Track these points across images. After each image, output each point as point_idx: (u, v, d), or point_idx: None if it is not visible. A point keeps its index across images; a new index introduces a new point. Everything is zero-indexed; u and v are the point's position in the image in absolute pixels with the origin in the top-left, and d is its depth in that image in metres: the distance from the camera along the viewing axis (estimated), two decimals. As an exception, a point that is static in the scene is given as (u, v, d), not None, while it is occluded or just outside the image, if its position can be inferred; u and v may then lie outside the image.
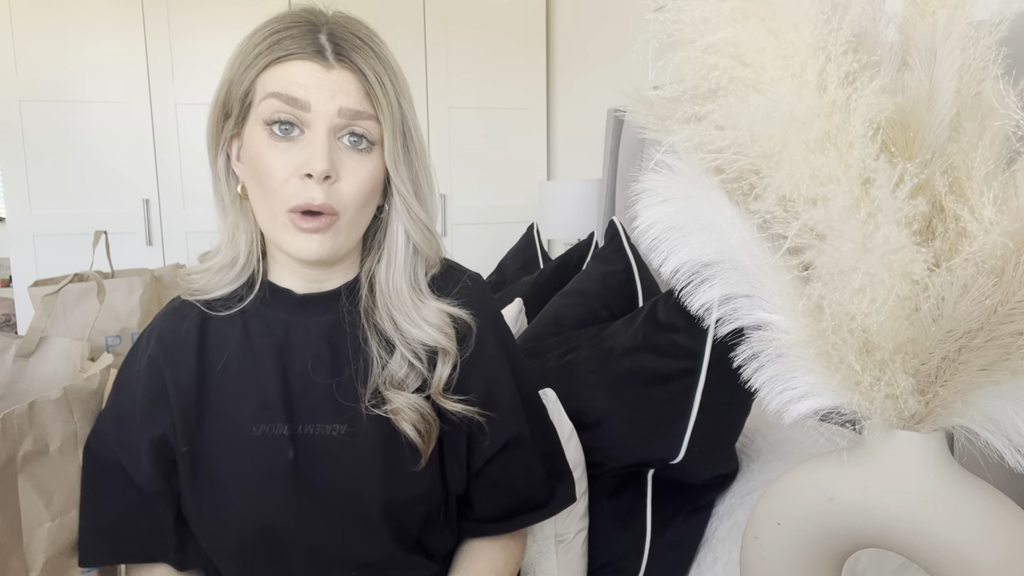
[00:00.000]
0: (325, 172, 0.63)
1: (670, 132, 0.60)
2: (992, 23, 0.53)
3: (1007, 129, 0.50)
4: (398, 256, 0.72)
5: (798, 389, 0.54)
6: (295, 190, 0.64)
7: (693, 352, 0.87)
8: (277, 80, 0.65)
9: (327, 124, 0.64)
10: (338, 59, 0.65)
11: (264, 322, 0.74)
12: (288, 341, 0.73)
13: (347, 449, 0.70)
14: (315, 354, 0.72)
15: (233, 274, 0.74)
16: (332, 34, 0.65)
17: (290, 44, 0.65)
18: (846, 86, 0.51)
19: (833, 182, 0.50)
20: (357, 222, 0.69)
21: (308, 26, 0.66)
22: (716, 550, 0.90)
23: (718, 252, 0.57)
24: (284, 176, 0.65)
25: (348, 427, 0.70)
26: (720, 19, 0.55)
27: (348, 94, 0.65)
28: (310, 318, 0.73)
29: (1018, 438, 0.48)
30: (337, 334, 0.72)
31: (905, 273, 0.49)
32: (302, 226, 0.65)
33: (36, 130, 2.30)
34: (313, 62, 0.64)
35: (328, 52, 0.64)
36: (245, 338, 0.73)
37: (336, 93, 0.64)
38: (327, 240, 0.66)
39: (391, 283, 0.72)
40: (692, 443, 0.87)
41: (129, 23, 2.33)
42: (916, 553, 0.52)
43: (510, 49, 2.71)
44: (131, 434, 0.73)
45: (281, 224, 0.66)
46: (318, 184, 0.64)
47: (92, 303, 1.50)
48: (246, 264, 0.74)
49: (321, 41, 0.65)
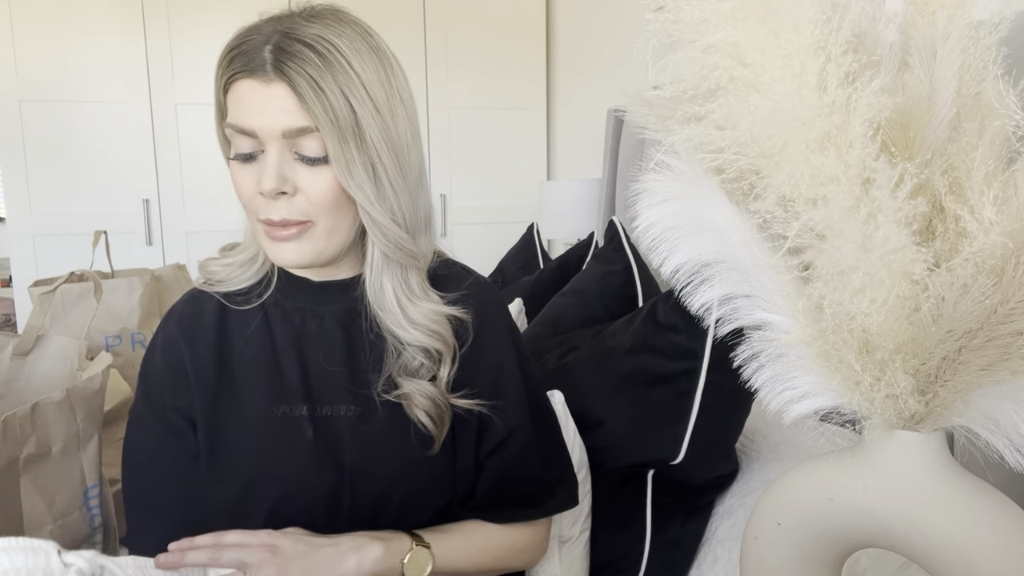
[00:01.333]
0: (274, 191, 0.64)
1: (670, 132, 0.60)
2: (992, 23, 0.53)
3: (1007, 129, 0.50)
4: (376, 260, 0.71)
5: (798, 389, 0.54)
6: (261, 205, 0.66)
7: (693, 352, 0.87)
8: (232, 104, 0.65)
9: (276, 145, 0.64)
10: (276, 72, 0.62)
11: (282, 310, 0.76)
12: (305, 328, 0.75)
13: (361, 433, 0.72)
14: (330, 340, 0.74)
15: (254, 270, 0.76)
16: (277, 44, 0.62)
17: (238, 61, 0.64)
18: (846, 86, 0.51)
19: (833, 182, 0.50)
20: (337, 226, 0.67)
21: (259, 39, 0.63)
22: (716, 550, 0.90)
23: (718, 252, 0.57)
24: (250, 194, 0.66)
25: (362, 410, 0.72)
26: (720, 19, 0.55)
27: (287, 111, 0.62)
28: (326, 305, 0.75)
29: (1018, 438, 0.48)
30: (351, 322, 0.74)
31: (905, 273, 0.49)
32: (271, 235, 0.67)
33: (36, 130, 2.30)
34: (254, 79, 0.63)
35: (268, 65, 0.62)
36: (264, 324, 0.75)
37: (277, 113, 0.63)
38: (304, 247, 0.67)
39: (372, 285, 0.72)
40: (692, 443, 0.87)
41: (129, 23, 2.33)
42: (916, 553, 0.52)
43: (510, 49, 2.70)
44: (164, 409, 0.74)
45: (261, 234, 0.68)
46: (274, 200, 0.65)
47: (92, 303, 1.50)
48: (264, 260, 0.76)
49: (264, 55, 0.62)
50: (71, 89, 2.32)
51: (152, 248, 2.44)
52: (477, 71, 2.68)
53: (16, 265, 2.34)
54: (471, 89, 2.68)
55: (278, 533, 0.66)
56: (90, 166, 2.36)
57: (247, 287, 0.76)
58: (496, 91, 2.72)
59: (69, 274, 1.52)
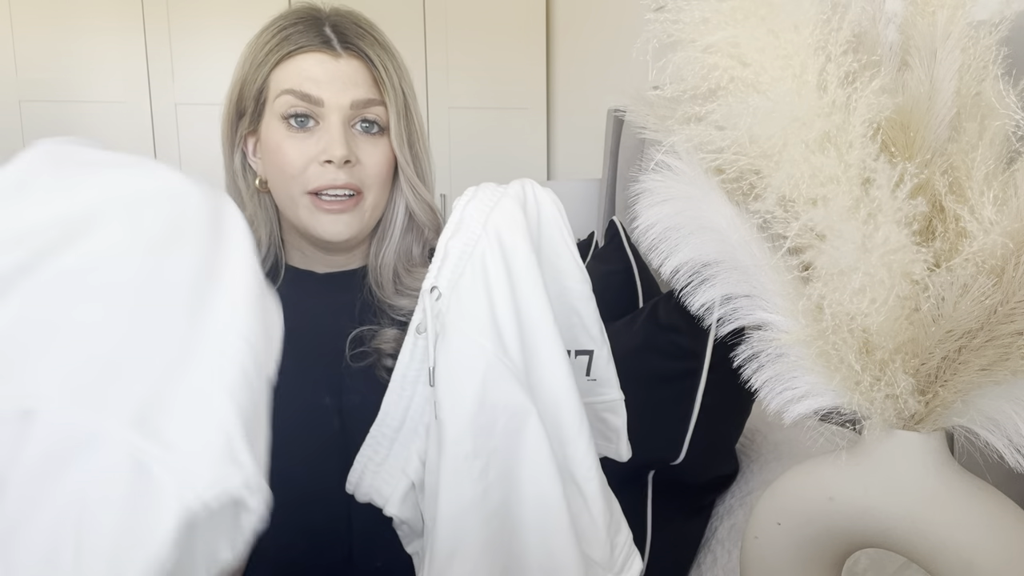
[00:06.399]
0: (345, 157, 0.67)
1: (670, 132, 0.60)
2: (992, 23, 0.53)
3: (1007, 129, 0.50)
4: (394, 232, 0.75)
5: (798, 389, 0.54)
6: (315, 174, 0.68)
7: (694, 353, 0.87)
8: (290, 76, 0.68)
9: (341, 115, 0.68)
10: (345, 48, 0.68)
11: (289, 304, 0.75)
12: (313, 320, 0.74)
13: (368, 417, 0.70)
14: (337, 330, 0.74)
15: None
16: (336, 25, 0.69)
17: (298, 38, 0.68)
18: (846, 86, 0.51)
19: (833, 182, 0.50)
20: (379, 201, 0.73)
21: (312, 20, 0.69)
22: (716, 550, 0.90)
23: (718, 252, 0.57)
24: (303, 163, 0.68)
25: (365, 396, 0.71)
26: (720, 19, 0.55)
27: (357, 84, 0.68)
28: (332, 297, 0.76)
29: (1018, 438, 0.48)
30: (358, 312, 0.75)
31: (905, 273, 0.49)
32: (325, 207, 0.68)
33: (36, 130, 2.30)
34: (322, 53, 0.68)
35: (335, 42, 0.68)
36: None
37: (347, 85, 0.68)
38: (354, 220, 0.70)
39: (379, 257, 0.75)
40: (693, 444, 0.87)
41: (129, 23, 2.33)
42: (916, 553, 0.52)
43: (510, 49, 2.70)
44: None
45: (303, 208, 0.69)
46: (339, 168, 0.67)
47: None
48: (268, 252, 0.76)
49: (327, 32, 0.68)
50: (71, 89, 2.31)
51: (152, 248, 2.44)
52: (477, 71, 2.68)
53: (16, 265, 2.34)
54: (471, 89, 2.68)
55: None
56: (90, 166, 2.36)
57: None
58: (496, 91, 2.71)
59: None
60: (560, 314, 0.66)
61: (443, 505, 0.59)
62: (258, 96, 0.70)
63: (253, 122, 0.72)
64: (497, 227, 0.62)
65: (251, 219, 0.75)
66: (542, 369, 0.61)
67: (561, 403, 0.61)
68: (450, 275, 0.61)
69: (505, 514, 0.60)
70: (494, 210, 0.63)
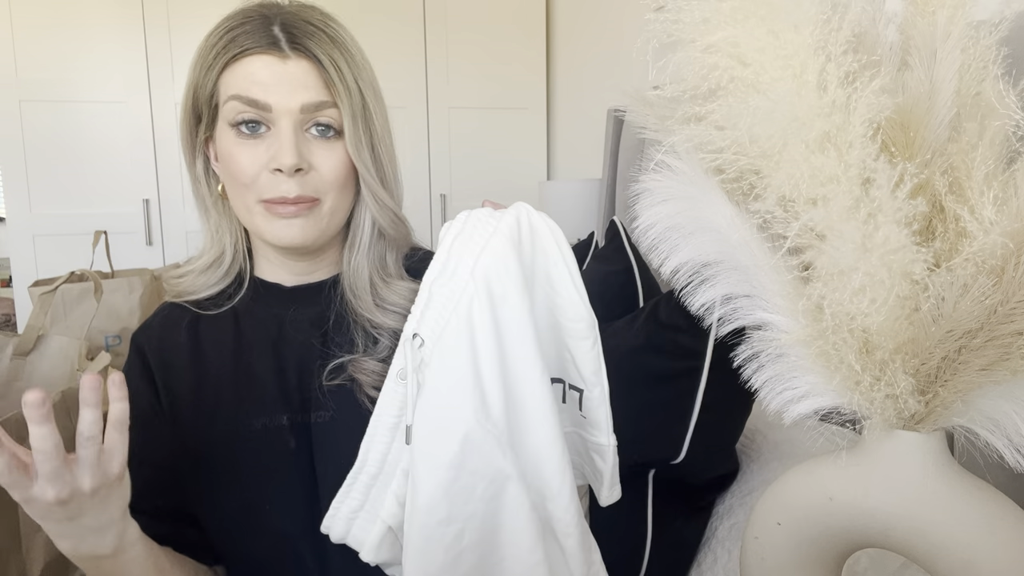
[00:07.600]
0: (295, 165, 0.64)
1: (670, 132, 0.60)
2: (992, 23, 0.53)
3: (1007, 129, 0.50)
4: (363, 240, 0.72)
5: (798, 389, 0.54)
6: (266, 184, 0.65)
7: (695, 352, 0.87)
8: (237, 80, 0.64)
9: (291, 120, 0.64)
10: (293, 48, 0.64)
11: (255, 317, 0.74)
12: (280, 334, 0.73)
13: (338, 435, 0.70)
14: (306, 345, 0.72)
15: (220, 273, 0.74)
16: (285, 23, 0.65)
17: (244, 39, 0.64)
18: (846, 86, 0.51)
19: (833, 182, 0.50)
20: (338, 207, 0.69)
21: (261, 19, 0.65)
22: (716, 550, 0.90)
23: (718, 252, 0.57)
24: (255, 171, 0.65)
25: (336, 414, 0.70)
26: (720, 19, 0.55)
27: (307, 86, 0.64)
28: (300, 310, 0.73)
29: (1018, 438, 0.48)
30: (326, 325, 0.72)
31: (905, 273, 0.49)
32: (277, 212, 0.65)
33: (36, 130, 2.30)
34: (269, 55, 0.64)
35: (283, 42, 0.64)
36: (238, 336, 0.73)
37: (295, 88, 0.64)
38: (309, 224, 0.67)
39: (351, 265, 0.72)
40: (694, 443, 0.87)
41: (129, 23, 2.33)
42: (916, 553, 0.52)
43: (510, 49, 2.70)
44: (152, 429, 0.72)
45: (258, 215, 0.67)
46: (289, 177, 0.64)
47: (92, 303, 1.50)
48: (233, 261, 0.74)
49: (275, 32, 0.64)
50: (71, 89, 2.31)
51: (152, 248, 2.44)
52: (477, 71, 2.68)
53: (16, 265, 2.34)
54: (471, 89, 2.68)
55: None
56: (90, 166, 2.35)
57: (215, 293, 0.74)
58: (496, 91, 2.71)
59: (69, 274, 1.52)
60: (551, 348, 0.64)
61: (412, 570, 0.56)
62: (210, 101, 0.67)
63: (209, 128, 0.69)
64: (486, 274, 0.57)
65: (216, 228, 0.74)
66: (527, 425, 0.58)
67: (544, 460, 0.58)
68: (433, 324, 0.58)
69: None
70: (484, 252, 0.58)
